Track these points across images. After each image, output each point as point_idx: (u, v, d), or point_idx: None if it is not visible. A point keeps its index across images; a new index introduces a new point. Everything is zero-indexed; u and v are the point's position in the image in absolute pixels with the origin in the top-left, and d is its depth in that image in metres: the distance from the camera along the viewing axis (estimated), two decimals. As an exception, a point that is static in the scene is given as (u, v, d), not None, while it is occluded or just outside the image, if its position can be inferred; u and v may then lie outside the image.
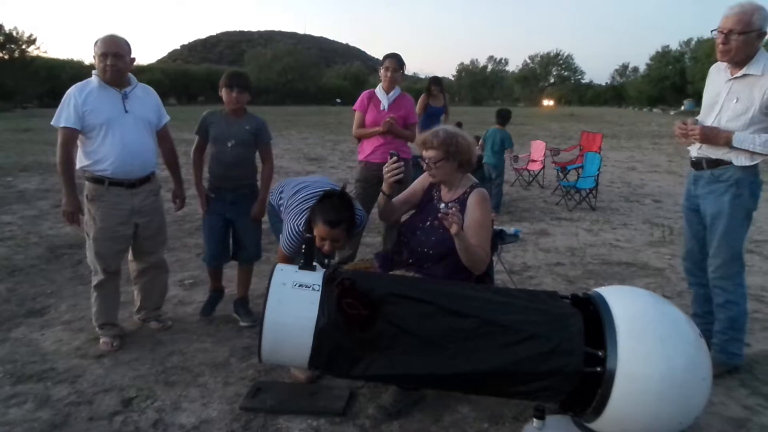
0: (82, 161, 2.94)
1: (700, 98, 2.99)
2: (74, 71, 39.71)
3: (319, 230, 2.51)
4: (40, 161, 10.51)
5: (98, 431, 2.32)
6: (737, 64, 2.62)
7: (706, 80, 2.88)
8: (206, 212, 3.32)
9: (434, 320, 2.12)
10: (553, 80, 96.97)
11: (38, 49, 44.96)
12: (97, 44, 2.87)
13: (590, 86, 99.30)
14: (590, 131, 11.25)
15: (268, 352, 2.14)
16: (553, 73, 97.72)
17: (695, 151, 2.79)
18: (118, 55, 2.86)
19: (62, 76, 39.90)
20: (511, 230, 3.12)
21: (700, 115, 2.85)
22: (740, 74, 2.61)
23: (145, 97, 3.08)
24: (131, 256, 3.22)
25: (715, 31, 2.62)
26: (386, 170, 2.66)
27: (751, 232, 5.43)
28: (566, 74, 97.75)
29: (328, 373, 2.48)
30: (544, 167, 9.07)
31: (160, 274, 3.33)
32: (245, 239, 3.36)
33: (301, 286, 2.14)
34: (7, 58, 42.16)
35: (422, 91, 6.57)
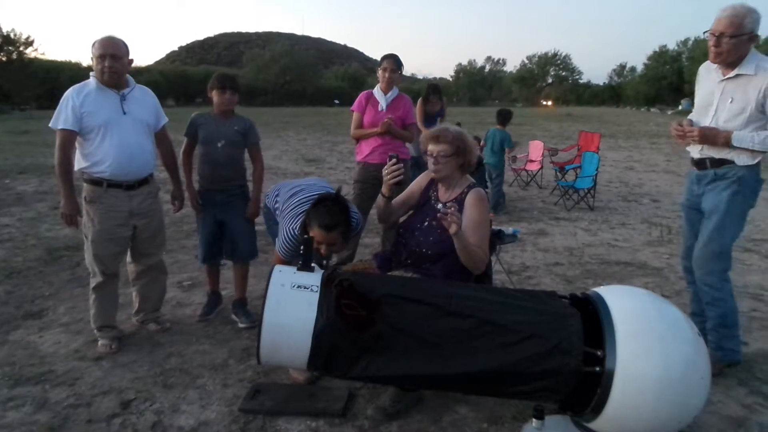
0: (80, 163, 2.93)
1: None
2: (72, 73, 39.74)
3: (314, 234, 2.49)
4: (38, 163, 10.50)
5: (97, 433, 2.31)
6: (729, 65, 2.64)
7: (696, 80, 2.89)
8: (199, 213, 3.35)
9: (433, 321, 2.11)
10: (551, 80, 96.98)
11: (36, 50, 45.10)
12: (94, 46, 2.87)
13: (588, 86, 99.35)
14: (588, 131, 11.26)
15: (266, 353, 2.14)
16: (550, 73, 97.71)
17: (697, 151, 2.79)
18: (116, 56, 2.85)
19: (60, 77, 39.92)
20: (509, 230, 3.13)
21: (693, 115, 2.85)
22: (732, 74, 2.62)
23: (143, 98, 3.08)
24: (130, 257, 3.22)
25: (707, 33, 2.63)
26: (386, 172, 2.65)
27: (749, 230, 5.43)
28: (564, 74, 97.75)
29: (326, 374, 2.47)
30: (542, 167, 9.08)
31: (158, 275, 3.33)
32: (238, 239, 3.38)
33: (299, 287, 2.13)
34: (4, 59, 42.18)
35: (420, 93, 6.40)
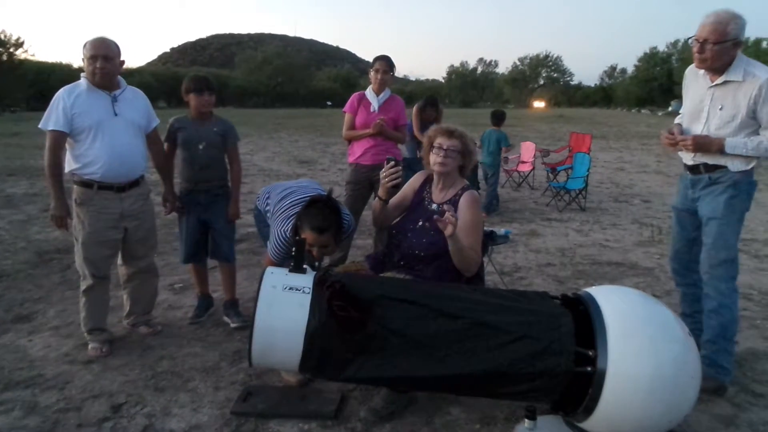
0: (70, 165, 2.91)
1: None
2: (63, 74, 39.42)
3: (306, 237, 2.48)
4: (28, 165, 10.42)
5: (87, 438, 2.30)
6: (716, 71, 2.61)
7: (683, 83, 2.86)
8: (183, 214, 3.36)
9: (425, 322, 2.11)
10: (542, 82, 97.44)
11: (26, 52, 44.67)
12: (86, 47, 2.86)
13: (579, 87, 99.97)
14: (579, 132, 11.32)
15: (258, 355, 2.13)
16: (542, 74, 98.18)
17: (690, 158, 2.76)
18: (107, 57, 2.84)
19: (51, 79, 39.65)
20: (501, 231, 3.14)
21: (684, 121, 2.83)
22: (720, 81, 2.59)
23: (134, 100, 3.06)
24: (120, 260, 3.20)
25: (692, 38, 2.61)
26: (383, 175, 2.64)
27: (739, 231, 5.42)
28: (555, 76, 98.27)
29: (319, 376, 2.47)
30: (534, 168, 9.12)
31: (149, 278, 3.31)
32: (221, 239, 3.41)
33: (291, 289, 2.13)
34: (-5, 61, 41.84)
35: (412, 95, 6.40)
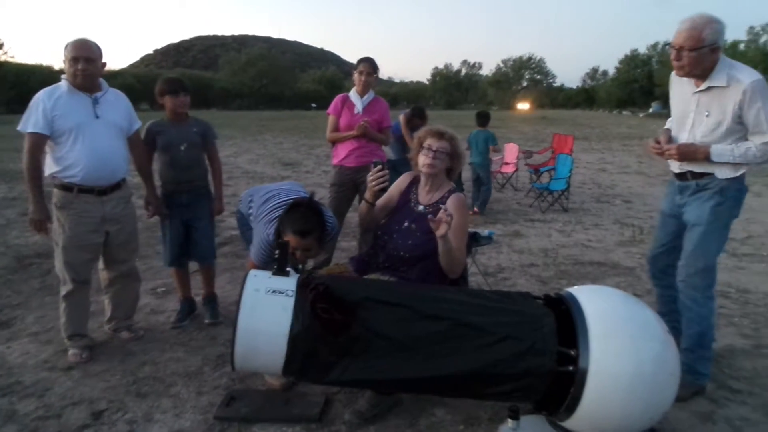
0: (50, 168, 2.87)
1: (666, 101, 3.00)
2: (44, 76, 38.75)
3: (289, 240, 2.46)
4: (6, 169, 10.24)
5: (67, 445, 2.26)
6: (698, 76, 2.55)
7: (669, 87, 2.82)
8: (166, 217, 3.36)
9: (409, 324, 2.12)
10: (525, 84, 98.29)
11: (5, 54, 44.05)
12: (67, 48, 2.82)
13: (562, 89, 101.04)
14: (562, 134, 11.43)
15: (241, 359, 2.11)
16: (525, 76, 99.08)
17: (677, 166, 2.72)
18: (89, 59, 2.81)
19: (31, 81, 38.97)
20: (485, 232, 3.16)
21: (672, 127, 2.79)
22: (704, 87, 2.53)
23: (116, 102, 3.03)
24: (102, 264, 3.16)
25: (668, 45, 2.57)
26: (370, 178, 2.64)
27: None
28: (538, 78, 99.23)
29: (303, 379, 2.46)
30: (517, 170, 9.19)
31: (131, 282, 3.27)
32: (202, 239, 3.43)
33: (274, 292, 2.12)
34: (-27, 63, 41.09)
35: (397, 97, 6.48)
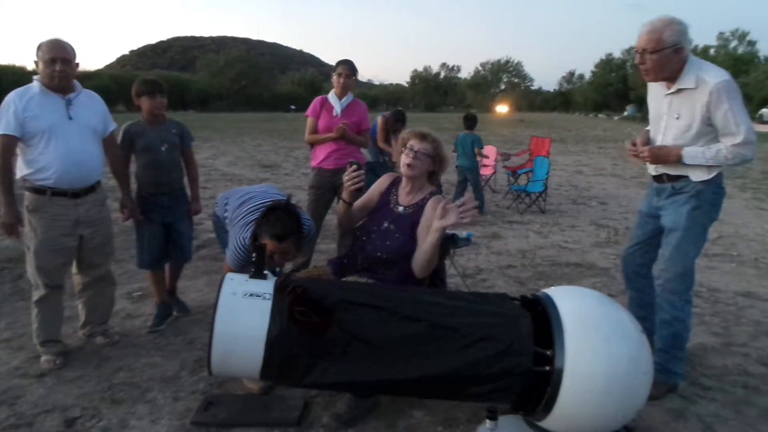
0: (22, 170, 2.80)
1: (641, 104, 3.04)
2: (17, 77, 37.92)
3: (266, 244, 2.43)
4: (-25, 171, 9.97)
5: (39, 454, 2.22)
6: (667, 79, 2.54)
7: (647, 88, 2.82)
8: (144, 220, 3.33)
9: (387, 326, 2.12)
10: (503, 87, 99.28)
11: (-26, 54, 42.88)
12: (42, 49, 2.76)
13: (539, 92, 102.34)
14: (539, 136, 11.57)
15: (218, 363, 2.09)
16: (503, 79, 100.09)
17: (653, 168, 2.71)
18: (66, 60, 2.76)
19: (2, 82, 38.08)
20: (463, 234, 3.17)
21: (650, 129, 2.78)
22: (674, 89, 2.52)
23: (90, 103, 2.98)
24: (75, 268, 3.10)
25: (634, 50, 2.57)
26: (346, 178, 2.65)
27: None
28: (516, 81, 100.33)
29: (281, 383, 2.45)
30: (495, 172, 9.27)
31: (106, 287, 3.22)
32: (183, 240, 3.45)
33: (251, 295, 2.10)
34: (-59, 64, 39.97)
35: (376, 99, 6.46)
